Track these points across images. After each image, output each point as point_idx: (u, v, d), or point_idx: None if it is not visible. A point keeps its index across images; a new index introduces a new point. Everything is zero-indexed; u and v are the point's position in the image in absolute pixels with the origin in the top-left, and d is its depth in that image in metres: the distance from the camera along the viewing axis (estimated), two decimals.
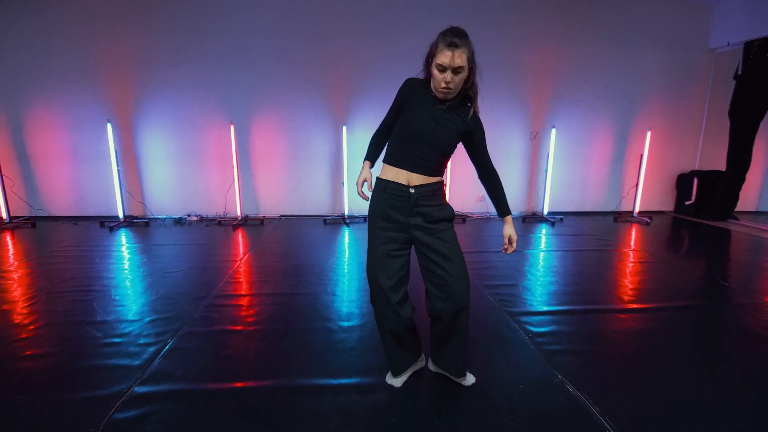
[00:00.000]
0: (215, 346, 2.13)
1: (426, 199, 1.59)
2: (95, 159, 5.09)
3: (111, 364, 1.96)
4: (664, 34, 5.56)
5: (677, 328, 2.40)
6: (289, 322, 2.42)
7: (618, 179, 5.89)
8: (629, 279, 3.28)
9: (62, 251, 3.84)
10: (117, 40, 4.90)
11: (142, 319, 2.44)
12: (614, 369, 1.98)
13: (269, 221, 5.25)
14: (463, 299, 1.62)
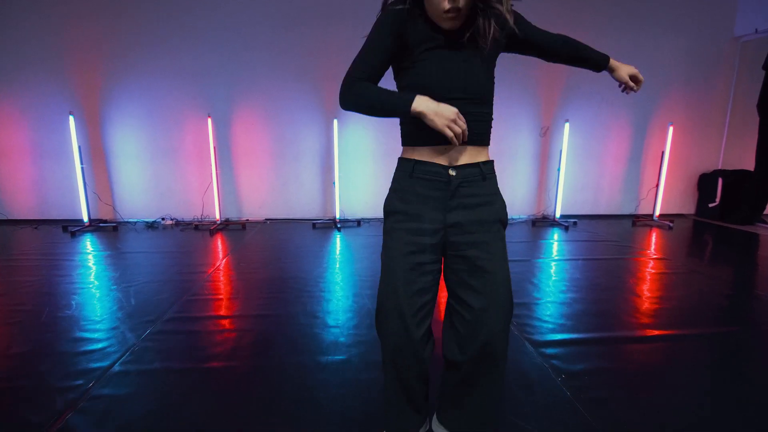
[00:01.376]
0: (149, 395, 1.63)
1: (472, 186, 1.10)
2: (59, 156, 4.59)
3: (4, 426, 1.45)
4: (684, 21, 5.08)
5: (707, 358, 1.91)
6: (255, 356, 1.92)
7: (635, 179, 5.40)
8: (663, 294, 2.78)
9: (9, 260, 3.34)
10: (84, 23, 4.40)
11: (67, 351, 1.93)
12: (674, 419, 1.48)
13: (252, 225, 4.75)
14: (499, 341, 1.11)
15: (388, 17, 1.07)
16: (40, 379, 1.71)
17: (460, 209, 1.10)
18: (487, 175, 1.12)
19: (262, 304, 2.49)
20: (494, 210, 1.13)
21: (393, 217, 1.14)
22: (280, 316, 2.33)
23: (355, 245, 3.98)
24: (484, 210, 1.11)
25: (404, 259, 1.10)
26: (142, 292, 2.66)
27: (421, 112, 0.99)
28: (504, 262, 1.14)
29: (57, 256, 3.50)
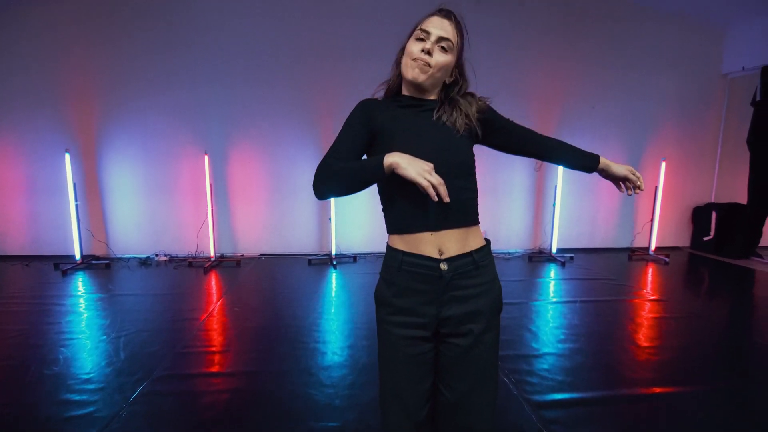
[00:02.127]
0: None
1: (466, 278, 1.06)
2: (54, 193, 4.55)
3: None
4: (674, 59, 5.21)
5: (741, 413, 1.87)
6: (246, 422, 1.86)
7: (630, 213, 5.43)
8: (663, 344, 2.75)
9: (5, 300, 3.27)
10: (83, 61, 4.44)
11: (52, 416, 1.87)
12: None
13: (247, 261, 4.70)
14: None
15: (359, 106, 1.11)
16: None
17: (453, 303, 1.06)
18: (480, 264, 1.08)
19: (255, 359, 2.44)
20: (489, 300, 1.10)
21: (385, 308, 1.12)
22: (273, 372, 2.28)
23: (351, 285, 3.94)
24: (479, 301, 1.08)
25: (402, 356, 1.08)
26: (132, 343, 2.60)
27: (394, 161, 0.94)
28: (493, 351, 1.11)
29: (47, 298, 3.43)
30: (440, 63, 1.06)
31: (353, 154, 1.06)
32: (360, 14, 4.65)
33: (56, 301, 3.39)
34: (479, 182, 1.17)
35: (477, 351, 1.07)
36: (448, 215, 1.03)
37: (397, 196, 1.05)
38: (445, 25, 1.06)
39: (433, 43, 1.04)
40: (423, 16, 1.10)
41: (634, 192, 1.26)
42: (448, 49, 1.06)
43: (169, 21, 4.48)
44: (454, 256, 1.05)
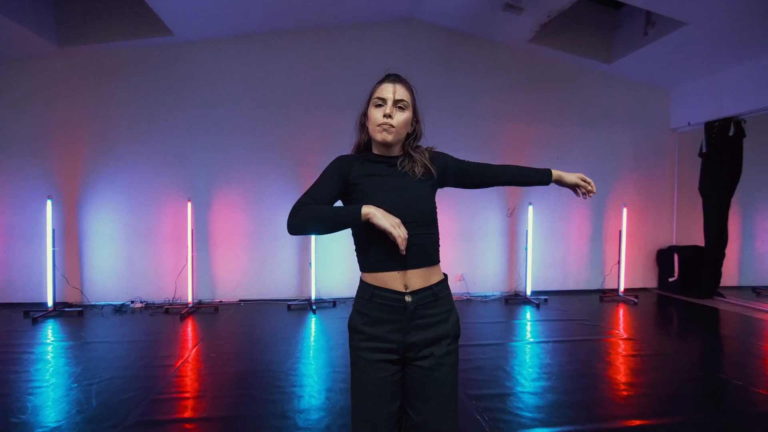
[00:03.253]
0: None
1: (427, 308, 1.21)
2: (30, 239, 4.53)
3: None
4: (628, 115, 5.73)
5: None
6: None
7: (599, 256, 5.69)
8: (634, 381, 2.85)
9: None
10: (70, 111, 4.62)
11: None
12: None
13: (226, 307, 4.67)
14: None
15: (337, 160, 1.29)
16: None
17: (417, 330, 1.19)
18: (440, 295, 1.23)
19: (231, 404, 2.42)
20: (447, 327, 1.23)
21: (357, 336, 1.23)
22: (250, 417, 2.27)
23: (330, 329, 3.95)
24: (439, 328, 1.21)
25: (372, 380, 1.18)
26: (104, 391, 2.55)
27: (370, 212, 1.11)
28: (453, 373, 1.22)
29: (15, 347, 3.33)
30: (401, 121, 1.24)
31: (326, 200, 1.22)
32: (338, 70, 5.02)
33: (25, 349, 3.30)
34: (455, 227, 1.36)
35: (438, 373, 1.18)
36: (414, 258, 1.19)
37: (370, 241, 1.20)
38: (397, 88, 1.24)
39: (391, 106, 1.23)
40: (375, 84, 1.29)
41: (588, 196, 1.47)
42: (404, 108, 1.25)
43: (155, 73, 4.75)
44: (417, 289, 1.20)
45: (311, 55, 5.01)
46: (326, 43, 5.03)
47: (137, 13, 4.47)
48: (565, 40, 5.21)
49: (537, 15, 4.60)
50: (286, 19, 4.79)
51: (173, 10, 4.22)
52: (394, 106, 1.23)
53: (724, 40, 4.52)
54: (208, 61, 4.83)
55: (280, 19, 4.77)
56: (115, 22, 4.55)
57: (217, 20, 4.58)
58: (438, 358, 1.19)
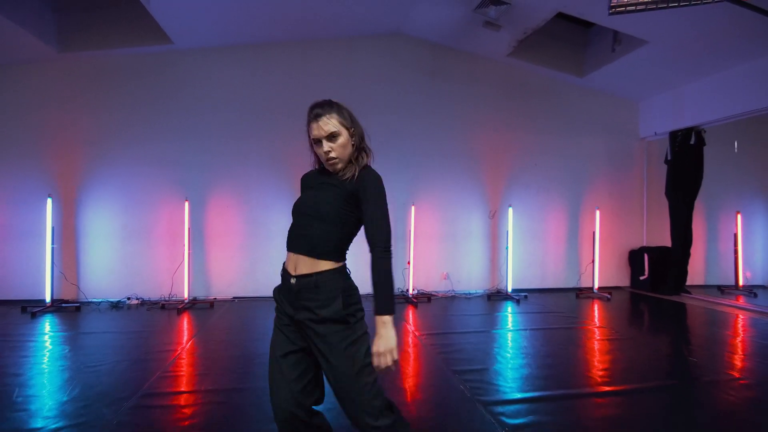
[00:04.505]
0: None
1: (310, 292, 1.33)
2: (26, 237, 4.64)
3: None
4: (600, 125, 6.16)
5: (655, 412, 2.24)
6: (231, 424, 2.04)
7: (575, 256, 6.04)
8: (600, 359, 3.15)
9: None
10: (68, 114, 4.78)
11: (42, 428, 1.98)
12: None
13: (221, 304, 4.83)
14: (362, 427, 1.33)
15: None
16: None
17: (303, 310, 1.34)
18: (320, 283, 1.32)
19: (234, 378, 2.62)
20: (330, 311, 1.30)
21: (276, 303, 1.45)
22: (251, 389, 2.46)
23: None
24: (322, 311, 1.31)
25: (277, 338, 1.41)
26: (112, 372, 2.71)
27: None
28: (343, 356, 1.30)
29: (18, 336, 3.45)
30: (339, 149, 1.38)
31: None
32: (329, 80, 5.32)
33: (28, 339, 3.42)
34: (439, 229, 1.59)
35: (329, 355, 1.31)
36: (301, 245, 1.37)
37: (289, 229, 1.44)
38: (322, 123, 1.36)
39: (327, 143, 1.37)
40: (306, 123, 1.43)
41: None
42: (337, 135, 1.37)
43: (153, 79, 4.97)
44: (301, 274, 1.34)
45: (303, 65, 5.30)
46: (317, 54, 5.33)
47: (136, 21, 4.70)
48: (541, 54, 5.63)
49: (514, 31, 4.99)
50: (280, 31, 5.08)
51: (174, 20, 4.47)
52: (329, 141, 1.37)
53: (682, 57, 4.98)
54: (204, 69, 5.07)
55: (274, 31, 5.06)
56: (115, 29, 4.76)
57: (214, 30, 4.84)
58: (326, 338, 1.31)
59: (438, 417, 2.17)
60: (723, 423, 2.14)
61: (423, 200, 5.49)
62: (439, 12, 4.89)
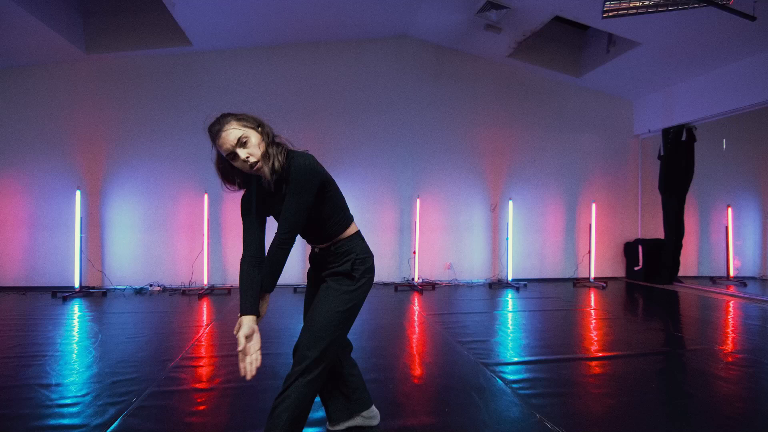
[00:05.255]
0: (185, 404, 2.01)
1: (329, 256, 1.59)
2: (54, 227, 4.94)
3: (67, 424, 1.79)
4: (596, 122, 6.45)
5: (643, 372, 2.52)
6: (263, 379, 2.32)
7: (573, 248, 6.32)
8: (594, 333, 3.43)
9: (7, 320, 3.55)
10: (93, 112, 5.08)
11: (102, 381, 2.27)
12: (587, 407, 2.03)
13: (236, 291, 5.12)
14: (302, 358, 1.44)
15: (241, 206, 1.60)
16: (89, 398, 2.05)
17: (325, 270, 1.61)
18: (336, 250, 1.57)
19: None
20: (342, 268, 1.56)
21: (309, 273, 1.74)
22: (277, 354, 2.75)
23: None
24: (337, 268, 1.57)
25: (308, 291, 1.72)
26: (152, 341, 3.00)
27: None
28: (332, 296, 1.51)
29: (53, 316, 3.73)
30: (254, 150, 1.41)
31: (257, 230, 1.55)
32: (337, 80, 5.62)
33: (66, 318, 3.70)
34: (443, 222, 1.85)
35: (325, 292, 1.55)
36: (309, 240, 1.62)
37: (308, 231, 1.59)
38: (227, 135, 1.38)
39: (240, 149, 1.38)
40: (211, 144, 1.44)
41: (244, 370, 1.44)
42: (247, 137, 1.40)
43: (173, 79, 5.27)
44: (321, 247, 1.61)
45: (312, 66, 5.59)
46: (327, 56, 5.63)
47: (158, 24, 5.01)
48: (539, 55, 5.92)
49: (514, 34, 5.29)
50: (290, 33, 5.38)
51: (196, 24, 4.77)
52: (242, 148, 1.39)
53: (673, 58, 5.27)
54: (220, 69, 5.37)
55: (285, 34, 5.36)
56: (138, 32, 5.07)
57: (230, 33, 5.14)
58: (332, 283, 1.55)
59: (447, 375, 2.45)
60: (705, 383, 2.42)
61: (427, 193, 5.78)
62: (443, 16, 5.19)
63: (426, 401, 2.09)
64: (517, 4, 4.61)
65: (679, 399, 2.17)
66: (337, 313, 1.49)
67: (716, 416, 1.97)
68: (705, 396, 2.19)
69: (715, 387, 2.31)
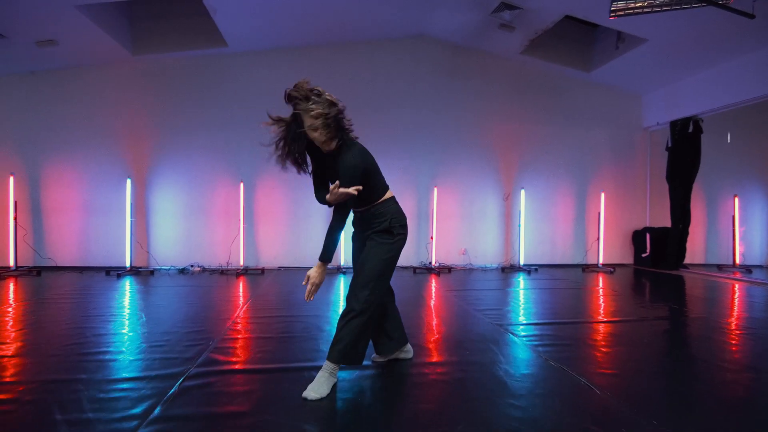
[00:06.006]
0: (253, 346, 2.45)
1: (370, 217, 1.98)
2: (105, 213, 5.46)
3: (165, 357, 2.24)
4: (606, 116, 6.73)
5: (640, 332, 2.87)
6: (302, 336, 2.75)
7: (582, 235, 6.64)
8: (601, 305, 3.79)
9: (75, 293, 4.05)
10: (138, 108, 5.58)
11: (179, 330, 2.72)
12: (586, 354, 2.41)
13: (268, 272, 5.58)
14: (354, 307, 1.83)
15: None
16: (176, 339, 2.50)
17: (367, 229, 2.00)
18: (375, 212, 1.96)
19: (303, 310, 3.33)
20: (380, 226, 1.95)
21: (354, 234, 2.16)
22: (318, 316, 3.18)
23: None
24: (374, 224, 1.97)
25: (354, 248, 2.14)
26: (206, 309, 3.45)
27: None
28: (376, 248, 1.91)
29: (114, 289, 4.23)
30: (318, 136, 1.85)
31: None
32: (357, 77, 6.01)
33: (123, 290, 4.20)
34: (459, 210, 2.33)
35: (371, 246, 1.95)
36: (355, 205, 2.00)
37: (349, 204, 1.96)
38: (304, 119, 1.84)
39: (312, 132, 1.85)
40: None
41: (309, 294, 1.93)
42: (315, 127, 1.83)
43: (209, 77, 5.74)
44: (362, 209, 2.00)
45: (332, 65, 5.99)
46: (348, 55, 6.02)
47: (197, 28, 5.46)
48: (551, 52, 6.23)
49: (526, 32, 5.61)
50: (313, 35, 5.78)
51: (233, 28, 5.21)
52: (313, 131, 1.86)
53: (680, 54, 5.54)
54: (252, 68, 5.81)
55: (308, 35, 5.76)
56: (179, 35, 5.53)
57: (261, 35, 5.57)
58: (374, 238, 1.96)
59: (466, 331, 2.84)
60: (699, 338, 2.77)
61: (444, 183, 6.16)
62: (459, 16, 5.54)
63: (450, 347, 2.49)
64: (530, 4, 4.94)
65: (675, 351, 2.53)
66: (380, 260, 1.91)
67: (699, 362, 2.33)
68: (701, 351, 2.55)
69: (709, 344, 2.66)
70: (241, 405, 1.70)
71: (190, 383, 1.90)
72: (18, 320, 2.99)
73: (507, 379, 2.00)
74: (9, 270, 5.00)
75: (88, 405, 1.67)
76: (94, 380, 1.92)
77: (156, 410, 1.63)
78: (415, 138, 6.09)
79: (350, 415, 1.68)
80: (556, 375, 2.06)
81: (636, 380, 2.01)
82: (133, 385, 1.88)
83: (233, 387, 1.88)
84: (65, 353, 2.29)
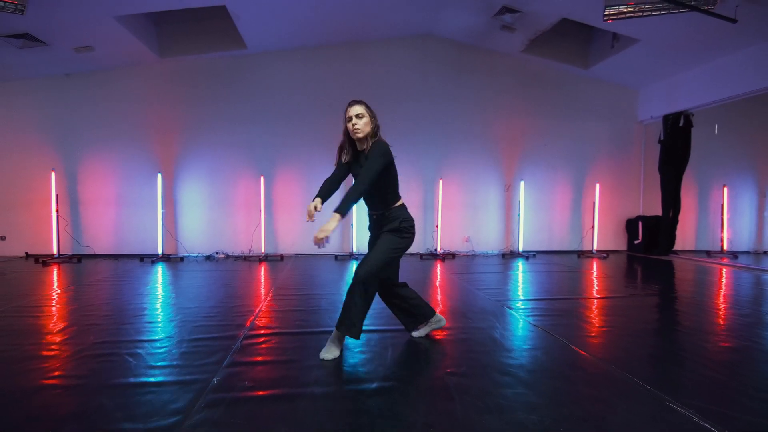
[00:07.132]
0: (289, 317, 2.92)
1: (380, 220, 2.33)
2: (138, 205, 5.93)
3: (221, 323, 2.71)
4: (603, 111, 7.10)
5: (628, 306, 3.32)
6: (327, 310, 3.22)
7: (578, 223, 7.06)
8: (594, 284, 4.23)
9: (127, 275, 4.54)
10: (166, 108, 6.01)
11: (225, 305, 3.20)
12: (577, 324, 2.85)
13: (287, 258, 6.06)
14: (358, 274, 2.14)
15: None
16: (222, 314, 2.97)
17: (378, 229, 2.33)
18: (385, 216, 2.29)
19: (327, 289, 3.80)
20: (390, 228, 2.27)
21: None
22: (327, 293, 3.65)
23: None
24: (385, 226, 2.29)
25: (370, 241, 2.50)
26: (238, 291, 3.93)
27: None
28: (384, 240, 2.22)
29: (153, 273, 4.71)
30: (362, 124, 2.19)
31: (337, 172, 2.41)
32: (371, 70, 6.40)
33: (161, 275, 4.68)
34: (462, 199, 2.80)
35: (380, 240, 2.26)
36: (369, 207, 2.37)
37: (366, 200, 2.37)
38: (355, 108, 2.19)
39: (355, 117, 2.19)
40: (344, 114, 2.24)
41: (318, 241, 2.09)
42: (362, 116, 2.20)
43: (231, 77, 6.14)
44: (376, 213, 2.35)
45: (347, 64, 6.37)
46: (361, 53, 6.40)
47: (219, 30, 5.85)
48: (550, 50, 6.58)
49: (527, 32, 5.97)
50: (325, 35, 6.15)
51: (251, 29, 5.60)
52: (356, 117, 2.20)
53: (671, 53, 5.88)
54: (271, 68, 6.21)
55: (321, 35, 6.14)
56: (202, 38, 5.93)
57: (278, 36, 5.95)
58: (386, 233, 2.27)
59: (468, 306, 3.30)
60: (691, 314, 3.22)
61: (448, 175, 6.58)
62: (464, 17, 5.90)
63: (455, 317, 2.94)
64: (529, 8, 5.30)
65: (661, 321, 2.98)
66: (388, 249, 2.28)
67: (683, 331, 2.77)
68: (686, 321, 2.99)
69: (695, 317, 3.11)
70: (291, 356, 2.17)
71: (247, 342, 2.37)
72: (86, 298, 3.47)
73: (502, 339, 2.47)
74: (53, 257, 5.51)
75: (175, 357, 2.15)
76: (174, 339, 2.40)
77: (227, 359, 2.11)
78: (421, 131, 6.50)
79: (372, 363, 2.14)
80: (543, 336, 2.52)
81: (617, 342, 2.46)
82: (204, 343, 2.35)
83: (281, 344, 2.35)
84: (136, 323, 2.77)
